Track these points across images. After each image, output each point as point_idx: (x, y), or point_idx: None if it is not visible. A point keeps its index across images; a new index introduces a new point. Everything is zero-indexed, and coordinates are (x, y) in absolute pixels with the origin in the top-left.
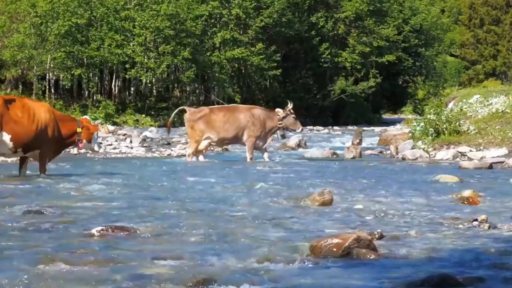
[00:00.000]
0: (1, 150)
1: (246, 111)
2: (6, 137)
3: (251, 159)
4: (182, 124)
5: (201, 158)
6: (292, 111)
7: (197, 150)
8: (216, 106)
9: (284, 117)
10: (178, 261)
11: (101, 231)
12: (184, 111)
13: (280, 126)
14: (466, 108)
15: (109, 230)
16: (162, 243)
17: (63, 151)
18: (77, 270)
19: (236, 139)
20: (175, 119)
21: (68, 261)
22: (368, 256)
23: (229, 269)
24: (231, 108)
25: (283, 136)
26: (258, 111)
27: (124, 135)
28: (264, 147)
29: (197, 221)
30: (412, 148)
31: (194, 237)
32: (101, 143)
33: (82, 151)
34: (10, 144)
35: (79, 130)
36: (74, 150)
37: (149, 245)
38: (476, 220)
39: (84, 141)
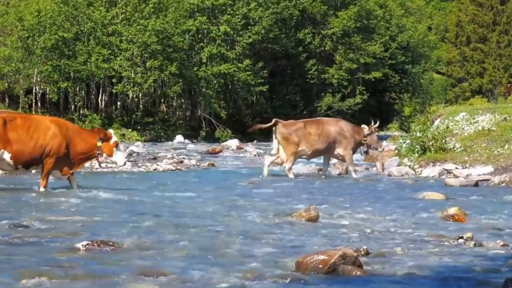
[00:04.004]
0: (3, 167)
1: (335, 123)
2: (7, 155)
3: (355, 171)
4: (168, 138)
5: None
6: (376, 129)
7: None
8: (306, 119)
9: (369, 134)
10: (163, 276)
11: (87, 246)
12: (276, 123)
13: (365, 142)
14: (452, 125)
15: (95, 244)
16: (147, 258)
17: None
18: (62, 284)
19: (328, 150)
20: (161, 134)
21: (53, 275)
22: (354, 273)
23: (214, 285)
24: (320, 121)
25: (366, 153)
26: (345, 123)
27: None
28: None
29: (182, 236)
30: (398, 165)
31: (179, 252)
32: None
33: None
34: (11, 162)
35: (98, 144)
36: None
37: (134, 260)
38: (461, 237)
39: (105, 155)
